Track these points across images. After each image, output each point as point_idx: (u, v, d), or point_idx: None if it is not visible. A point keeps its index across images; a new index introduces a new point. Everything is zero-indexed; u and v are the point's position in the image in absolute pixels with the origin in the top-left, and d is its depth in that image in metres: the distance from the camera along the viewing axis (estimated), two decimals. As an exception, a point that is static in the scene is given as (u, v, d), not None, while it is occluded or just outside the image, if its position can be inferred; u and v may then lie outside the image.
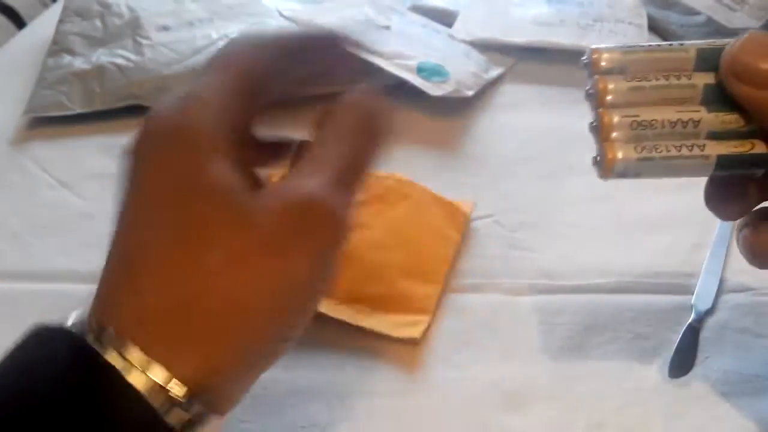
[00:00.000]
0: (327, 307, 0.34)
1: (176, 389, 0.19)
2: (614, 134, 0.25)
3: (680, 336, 0.33)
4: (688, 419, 0.30)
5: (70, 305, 0.37)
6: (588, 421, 0.30)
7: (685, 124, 0.24)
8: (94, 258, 0.40)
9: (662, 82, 0.25)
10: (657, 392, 0.31)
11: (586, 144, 0.52)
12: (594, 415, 0.31)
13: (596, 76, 0.26)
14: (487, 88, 0.55)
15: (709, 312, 0.34)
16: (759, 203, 0.26)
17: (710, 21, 0.63)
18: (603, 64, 0.26)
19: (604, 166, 0.25)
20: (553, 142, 0.49)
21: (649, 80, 0.25)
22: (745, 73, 0.21)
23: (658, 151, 0.24)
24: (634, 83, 0.25)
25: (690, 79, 0.25)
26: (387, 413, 0.31)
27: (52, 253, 0.41)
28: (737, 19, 0.63)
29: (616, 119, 0.25)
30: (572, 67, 0.57)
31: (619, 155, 0.24)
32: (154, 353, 0.19)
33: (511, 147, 0.49)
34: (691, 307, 0.34)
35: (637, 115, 0.25)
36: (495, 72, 0.56)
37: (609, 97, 0.25)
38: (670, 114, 0.25)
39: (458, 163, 0.48)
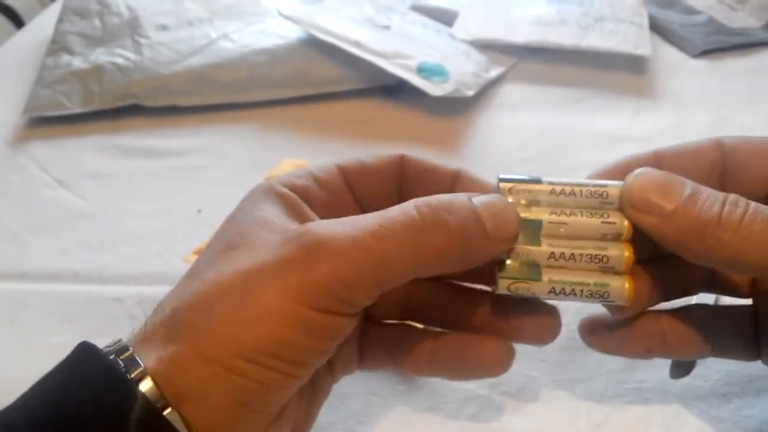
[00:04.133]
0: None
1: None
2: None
3: (681, 336, 0.33)
4: (688, 419, 0.30)
5: (68, 305, 0.37)
6: (588, 421, 0.30)
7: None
8: (93, 258, 0.41)
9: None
10: (657, 392, 0.31)
11: (586, 144, 0.52)
12: (594, 415, 0.31)
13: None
14: (488, 88, 0.55)
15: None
16: None
17: (711, 20, 0.63)
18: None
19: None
20: (553, 142, 0.49)
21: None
22: (642, 204, 0.23)
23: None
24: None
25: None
26: (387, 413, 0.31)
27: (51, 252, 0.41)
28: (738, 18, 0.63)
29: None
30: (573, 67, 0.58)
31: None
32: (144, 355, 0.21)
33: (511, 147, 0.49)
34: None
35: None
36: (495, 72, 0.56)
37: None
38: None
39: (458, 163, 0.47)
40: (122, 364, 0.20)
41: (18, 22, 0.74)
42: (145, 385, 0.20)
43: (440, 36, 0.59)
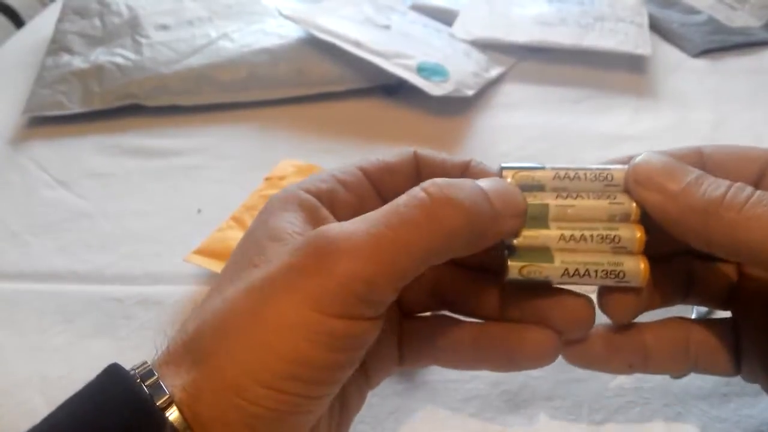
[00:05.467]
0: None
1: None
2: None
3: (681, 336, 0.33)
4: (688, 419, 0.30)
5: (68, 305, 0.37)
6: (588, 421, 0.30)
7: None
8: (93, 258, 0.41)
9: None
10: (657, 392, 0.31)
11: (586, 143, 0.52)
12: (594, 415, 0.31)
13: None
14: (488, 88, 0.55)
15: (710, 312, 0.34)
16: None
17: (711, 20, 0.63)
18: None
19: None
20: (553, 141, 0.49)
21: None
22: (647, 182, 0.23)
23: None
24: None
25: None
26: (387, 413, 0.31)
27: (51, 252, 0.41)
28: (738, 17, 0.63)
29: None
30: (573, 67, 0.58)
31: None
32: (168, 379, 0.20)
33: (511, 146, 0.49)
34: (692, 307, 0.34)
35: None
36: (495, 71, 0.56)
37: None
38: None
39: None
40: (148, 392, 0.20)
41: (18, 21, 0.74)
42: (171, 415, 0.19)
43: (440, 35, 0.59)
